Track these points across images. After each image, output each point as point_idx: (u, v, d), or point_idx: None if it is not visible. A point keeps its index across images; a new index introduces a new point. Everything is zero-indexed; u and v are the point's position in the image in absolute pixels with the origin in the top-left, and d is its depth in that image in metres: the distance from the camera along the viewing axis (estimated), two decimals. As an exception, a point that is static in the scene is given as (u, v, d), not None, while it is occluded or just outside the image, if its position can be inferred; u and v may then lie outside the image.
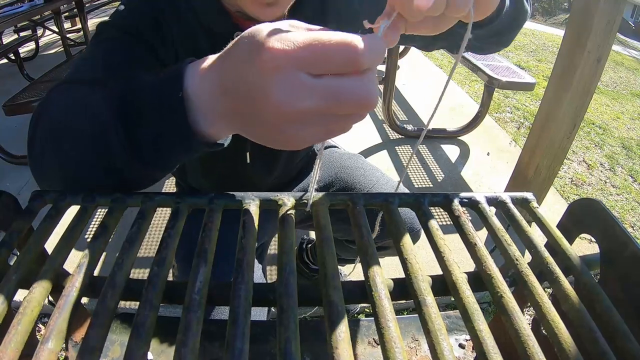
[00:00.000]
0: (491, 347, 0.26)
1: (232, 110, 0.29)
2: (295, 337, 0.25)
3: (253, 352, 0.24)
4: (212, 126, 0.31)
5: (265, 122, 0.27)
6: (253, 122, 0.28)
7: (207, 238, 0.32)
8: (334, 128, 0.27)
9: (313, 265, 1.26)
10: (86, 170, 0.36)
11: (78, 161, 0.36)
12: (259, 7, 0.43)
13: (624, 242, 0.34)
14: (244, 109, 0.27)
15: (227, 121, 0.30)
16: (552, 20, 19.48)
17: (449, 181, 1.94)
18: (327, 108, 0.25)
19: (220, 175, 0.73)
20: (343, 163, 0.87)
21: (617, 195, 2.06)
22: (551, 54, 4.53)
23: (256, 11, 0.43)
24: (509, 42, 0.58)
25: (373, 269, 0.31)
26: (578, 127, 1.40)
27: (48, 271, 0.30)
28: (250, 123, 0.28)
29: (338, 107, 0.25)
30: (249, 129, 0.29)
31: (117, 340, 0.52)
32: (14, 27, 3.27)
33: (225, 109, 0.29)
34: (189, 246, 0.39)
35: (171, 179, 1.77)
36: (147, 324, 0.25)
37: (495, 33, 0.51)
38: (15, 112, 1.72)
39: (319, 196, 0.38)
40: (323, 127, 0.26)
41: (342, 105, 0.25)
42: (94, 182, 0.37)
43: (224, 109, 0.29)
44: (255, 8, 0.43)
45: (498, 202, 0.40)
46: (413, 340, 0.52)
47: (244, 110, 0.27)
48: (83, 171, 0.37)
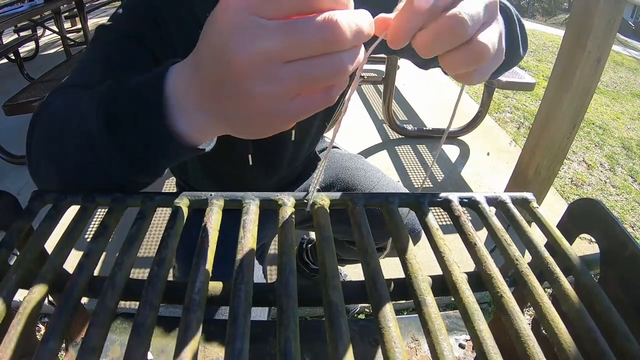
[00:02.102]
0: (491, 347, 0.26)
1: (205, 90, 0.27)
2: (295, 337, 0.25)
3: (253, 352, 0.24)
4: (191, 124, 0.30)
5: (233, 88, 0.24)
6: (224, 97, 0.25)
7: (207, 238, 0.32)
8: (310, 86, 0.23)
9: (313, 265, 1.26)
10: (80, 174, 0.36)
11: (70, 166, 0.36)
12: None
13: (624, 242, 0.34)
14: (213, 79, 0.25)
15: (203, 111, 0.28)
16: (552, 20, 19.47)
17: (449, 181, 1.94)
18: (289, 50, 0.22)
19: (222, 176, 0.73)
20: (344, 164, 0.87)
21: (617, 195, 2.06)
22: (551, 54, 4.53)
23: None
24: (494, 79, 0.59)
25: (373, 269, 0.31)
26: (578, 127, 1.40)
27: (48, 271, 0.30)
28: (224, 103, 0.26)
29: (301, 48, 0.22)
30: (225, 114, 0.27)
31: (117, 340, 0.52)
32: (14, 27, 3.27)
33: (200, 92, 0.27)
34: (189, 246, 0.39)
35: (171, 178, 1.77)
36: (147, 324, 0.25)
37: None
38: (15, 112, 1.72)
39: (319, 196, 0.38)
40: (295, 83, 0.23)
41: (306, 45, 0.22)
42: (90, 185, 0.37)
43: (198, 94, 0.28)
44: None
45: (498, 202, 0.40)
46: (413, 340, 0.52)
47: (213, 80, 0.25)
48: (78, 175, 0.37)
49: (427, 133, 2.27)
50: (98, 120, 0.32)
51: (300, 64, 0.22)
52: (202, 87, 0.27)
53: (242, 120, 0.27)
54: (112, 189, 0.37)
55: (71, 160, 0.36)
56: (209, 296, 0.29)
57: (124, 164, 0.33)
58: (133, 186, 0.37)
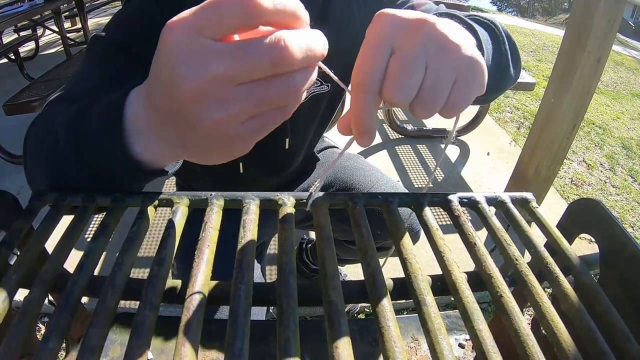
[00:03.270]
0: (491, 346, 0.26)
1: (158, 116, 0.26)
2: (295, 337, 0.25)
3: (253, 352, 0.24)
4: (148, 149, 0.30)
5: (184, 115, 0.23)
6: (177, 124, 0.25)
7: (207, 238, 0.32)
8: (262, 108, 0.23)
9: (313, 265, 1.26)
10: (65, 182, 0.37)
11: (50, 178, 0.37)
12: None
13: (623, 242, 0.34)
14: (164, 106, 0.25)
15: (158, 137, 0.28)
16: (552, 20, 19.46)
17: (449, 181, 1.94)
18: (238, 73, 0.21)
19: (220, 177, 0.73)
20: (343, 163, 0.87)
21: (617, 195, 2.06)
22: (551, 54, 4.53)
23: None
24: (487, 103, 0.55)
25: (373, 269, 0.31)
26: (578, 127, 1.40)
27: (48, 271, 0.30)
28: (177, 129, 0.25)
29: (250, 71, 0.21)
30: (180, 141, 0.26)
31: (117, 340, 0.52)
32: (14, 27, 3.27)
33: (153, 118, 0.27)
34: (189, 246, 0.39)
35: (171, 178, 1.77)
36: (147, 324, 0.25)
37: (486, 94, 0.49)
38: (15, 112, 1.71)
39: (319, 196, 0.38)
40: (246, 106, 0.22)
41: (255, 67, 0.21)
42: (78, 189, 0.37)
43: (152, 120, 0.27)
44: None
45: (498, 202, 0.40)
46: (413, 340, 0.52)
47: (164, 106, 0.25)
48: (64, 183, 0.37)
49: (427, 133, 2.27)
50: (69, 144, 0.32)
51: (250, 86, 0.22)
52: (155, 113, 0.26)
53: (197, 147, 0.26)
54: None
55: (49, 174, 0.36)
56: (209, 296, 0.29)
57: (96, 185, 0.34)
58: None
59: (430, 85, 0.26)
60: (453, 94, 0.27)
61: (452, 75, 0.26)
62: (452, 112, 0.28)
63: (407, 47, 0.26)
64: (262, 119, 0.24)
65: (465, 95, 0.27)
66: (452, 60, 0.26)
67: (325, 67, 0.28)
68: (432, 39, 0.26)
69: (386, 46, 0.26)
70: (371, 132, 0.27)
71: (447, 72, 0.26)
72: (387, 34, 0.26)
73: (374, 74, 0.26)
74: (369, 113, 0.26)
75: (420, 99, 0.26)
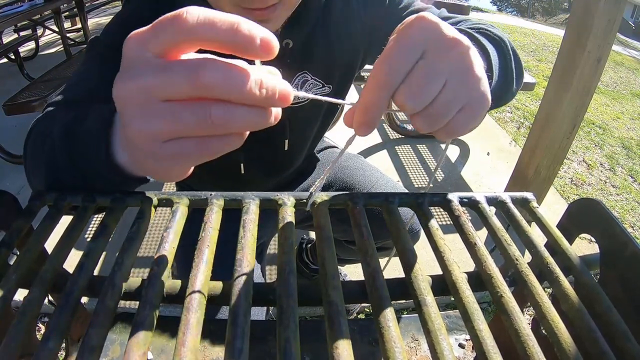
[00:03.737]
0: (491, 346, 0.26)
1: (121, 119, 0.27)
2: (295, 337, 0.25)
3: (253, 352, 0.24)
4: (123, 155, 0.31)
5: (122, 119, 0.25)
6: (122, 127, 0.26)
7: (207, 238, 0.32)
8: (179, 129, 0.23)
9: (313, 265, 1.26)
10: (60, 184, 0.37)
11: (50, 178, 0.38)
12: None
13: (624, 242, 0.34)
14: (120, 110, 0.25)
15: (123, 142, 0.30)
16: (552, 20, 19.46)
17: (449, 181, 1.94)
18: (159, 88, 0.22)
19: (220, 178, 0.73)
20: (343, 163, 0.87)
21: (617, 195, 2.06)
22: (551, 54, 4.53)
23: None
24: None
25: (373, 269, 0.31)
26: (578, 127, 1.40)
27: (48, 271, 0.30)
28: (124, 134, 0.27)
29: (170, 87, 0.22)
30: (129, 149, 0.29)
31: (117, 340, 0.52)
32: (14, 27, 3.27)
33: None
34: (188, 246, 0.39)
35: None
36: (147, 324, 0.25)
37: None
38: (15, 112, 1.71)
39: (319, 196, 0.38)
40: (165, 123, 0.23)
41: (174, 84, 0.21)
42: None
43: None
44: None
45: (498, 202, 0.40)
46: (413, 340, 0.52)
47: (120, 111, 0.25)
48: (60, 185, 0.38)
49: (427, 132, 2.26)
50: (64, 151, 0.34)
51: (171, 105, 0.22)
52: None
53: (138, 158, 0.28)
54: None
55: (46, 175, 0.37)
56: (209, 296, 0.29)
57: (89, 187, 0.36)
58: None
59: (443, 102, 0.27)
60: (456, 118, 0.28)
61: (464, 102, 0.27)
62: (448, 135, 0.29)
63: (435, 60, 0.26)
64: (183, 145, 0.24)
65: (466, 124, 0.29)
66: (469, 88, 0.27)
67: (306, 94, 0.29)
68: (460, 62, 0.27)
69: (418, 51, 0.26)
70: (373, 126, 0.28)
71: (462, 97, 0.27)
72: (423, 40, 0.26)
73: (398, 74, 0.26)
74: (379, 109, 0.27)
75: (427, 111, 0.27)
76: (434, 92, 0.26)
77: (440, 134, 0.29)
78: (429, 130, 0.28)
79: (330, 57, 0.57)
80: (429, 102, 0.26)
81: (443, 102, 0.27)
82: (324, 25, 0.55)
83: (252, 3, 0.39)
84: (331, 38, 0.56)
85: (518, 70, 0.49)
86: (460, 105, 0.28)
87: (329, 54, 0.57)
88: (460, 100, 0.27)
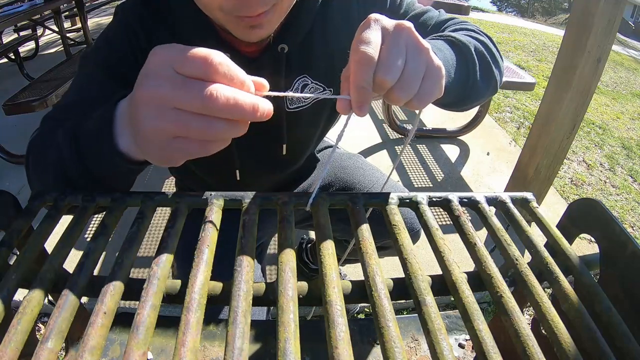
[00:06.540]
0: (491, 346, 0.26)
1: (129, 112, 0.33)
2: (295, 337, 0.25)
3: (253, 352, 0.24)
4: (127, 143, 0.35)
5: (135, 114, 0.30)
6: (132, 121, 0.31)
7: (207, 238, 0.32)
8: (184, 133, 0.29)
9: (313, 265, 1.26)
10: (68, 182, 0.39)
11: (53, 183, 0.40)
12: (243, 30, 0.42)
13: (623, 242, 0.34)
14: (131, 103, 0.31)
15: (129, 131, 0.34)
16: (552, 20, 19.46)
17: (449, 181, 1.94)
18: (175, 99, 0.28)
19: (218, 179, 0.73)
20: (342, 163, 0.87)
21: (617, 195, 2.06)
22: (551, 54, 4.53)
23: (241, 33, 0.43)
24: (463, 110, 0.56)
25: (373, 269, 0.31)
26: (578, 127, 1.40)
27: (48, 271, 0.30)
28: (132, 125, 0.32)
29: (184, 101, 0.27)
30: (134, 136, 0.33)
31: (117, 340, 0.52)
32: (14, 27, 3.27)
33: (127, 114, 0.33)
34: (189, 246, 0.39)
35: (171, 178, 1.77)
36: (147, 324, 0.25)
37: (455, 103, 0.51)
38: (15, 112, 1.71)
39: (319, 196, 0.38)
40: (173, 125, 0.28)
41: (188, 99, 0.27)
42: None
43: (127, 116, 0.34)
44: (240, 30, 0.43)
45: (498, 202, 0.40)
46: (413, 340, 0.52)
47: (131, 103, 0.31)
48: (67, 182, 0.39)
49: (427, 133, 2.27)
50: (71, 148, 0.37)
51: (181, 112, 0.28)
52: (128, 111, 0.33)
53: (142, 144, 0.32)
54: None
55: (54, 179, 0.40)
56: (209, 296, 0.29)
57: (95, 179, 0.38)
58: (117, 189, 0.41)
59: (410, 71, 0.32)
60: (423, 86, 0.33)
61: (423, 69, 0.33)
62: (420, 102, 0.34)
63: (393, 40, 0.32)
64: (184, 143, 0.30)
65: (431, 90, 0.34)
66: (423, 56, 0.33)
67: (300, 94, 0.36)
68: (409, 38, 0.33)
69: (379, 35, 0.33)
70: (368, 103, 0.32)
71: (421, 65, 0.33)
72: (379, 27, 0.33)
73: (374, 52, 0.32)
74: (369, 84, 0.31)
75: (400, 83, 0.32)
76: (401, 64, 0.32)
77: (415, 102, 0.34)
78: (406, 99, 0.33)
79: (330, 60, 0.57)
80: (400, 74, 0.32)
81: (410, 71, 0.32)
82: (321, 28, 0.55)
83: (241, 11, 0.39)
84: (330, 41, 0.56)
85: (485, 66, 0.50)
86: (422, 73, 0.33)
87: (329, 57, 0.57)
88: (420, 68, 0.33)
